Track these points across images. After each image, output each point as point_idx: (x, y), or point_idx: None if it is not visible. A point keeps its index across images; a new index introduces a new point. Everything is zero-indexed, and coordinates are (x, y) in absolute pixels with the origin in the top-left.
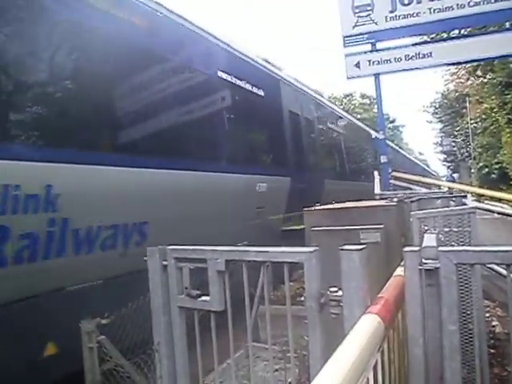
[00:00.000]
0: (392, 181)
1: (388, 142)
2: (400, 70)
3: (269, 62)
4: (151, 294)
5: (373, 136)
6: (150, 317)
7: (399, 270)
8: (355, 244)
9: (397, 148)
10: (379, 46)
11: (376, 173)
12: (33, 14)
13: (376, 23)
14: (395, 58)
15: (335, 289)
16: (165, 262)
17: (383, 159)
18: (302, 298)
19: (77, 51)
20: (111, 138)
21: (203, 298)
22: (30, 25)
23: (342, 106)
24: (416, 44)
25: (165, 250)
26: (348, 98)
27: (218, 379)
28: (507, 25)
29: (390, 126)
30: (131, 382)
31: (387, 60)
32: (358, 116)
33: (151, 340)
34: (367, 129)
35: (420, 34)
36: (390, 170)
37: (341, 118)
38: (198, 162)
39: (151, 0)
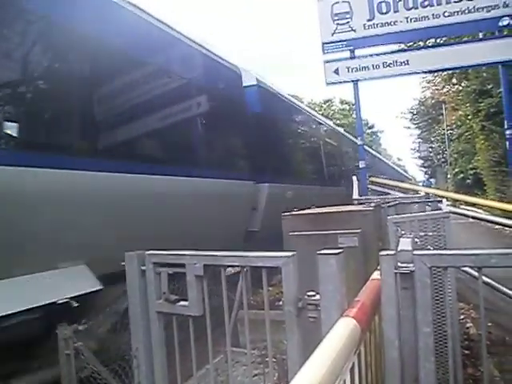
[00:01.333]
0: (370, 186)
1: (366, 147)
2: (378, 77)
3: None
4: (129, 299)
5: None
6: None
7: (376, 274)
8: (333, 248)
9: (375, 153)
10: (358, 53)
11: (354, 178)
12: None
13: (354, 31)
14: (373, 65)
15: (313, 293)
16: (143, 267)
17: (361, 164)
18: (281, 303)
19: None
20: None
21: (181, 302)
22: None
23: (321, 112)
24: (393, 52)
25: (143, 254)
26: (327, 104)
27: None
28: (480, 35)
29: (369, 131)
30: None
31: (365, 67)
32: (338, 121)
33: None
34: (346, 134)
35: (397, 42)
36: (367, 176)
37: (320, 123)
38: None
39: None
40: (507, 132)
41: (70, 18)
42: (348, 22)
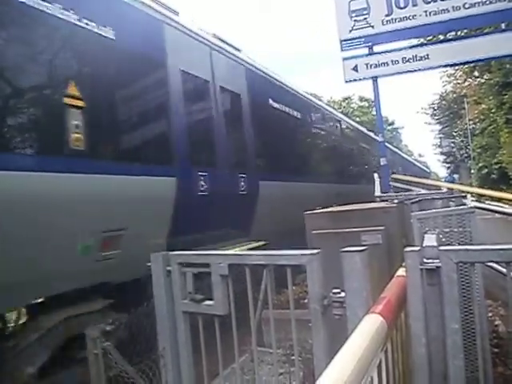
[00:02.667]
0: (392, 183)
1: (387, 144)
2: (397, 73)
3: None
4: (155, 299)
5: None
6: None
7: (401, 271)
8: (356, 246)
9: (396, 150)
10: (376, 49)
11: (376, 175)
12: None
13: (372, 27)
14: (392, 61)
15: (338, 290)
16: (168, 268)
17: (382, 161)
18: (306, 301)
19: None
20: None
21: (207, 302)
22: None
23: (340, 110)
24: (413, 46)
25: (168, 255)
26: (346, 102)
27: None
28: (503, 26)
29: (389, 128)
30: None
31: (384, 63)
32: (357, 119)
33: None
34: (367, 132)
35: (416, 37)
36: (389, 172)
37: (339, 121)
38: None
39: None
40: None
41: None
42: (366, 18)
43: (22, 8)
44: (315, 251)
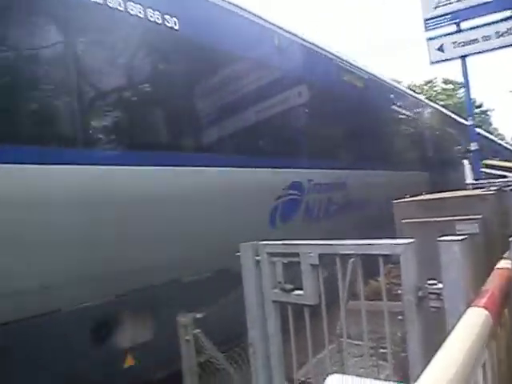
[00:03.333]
0: (484, 169)
1: (477, 128)
2: (489, 50)
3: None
4: (244, 288)
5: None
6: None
7: (503, 263)
8: (454, 235)
9: (486, 134)
10: (464, 25)
11: (466, 161)
12: None
13: (460, 0)
14: (483, 37)
15: (434, 281)
16: (257, 258)
17: (473, 146)
18: (398, 292)
19: None
20: None
21: (297, 292)
22: None
23: (423, 94)
24: (507, 19)
25: (257, 245)
26: (429, 85)
27: (312, 372)
28: None
29: (477, 111)
30: (226, 374)
31: (474, 40)
32: (441, 103)
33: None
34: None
35: (510, 8)
36: (481, 158)
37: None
38: None
39: None
40: None
41: None
42: None
43: None
44: (410, 240)
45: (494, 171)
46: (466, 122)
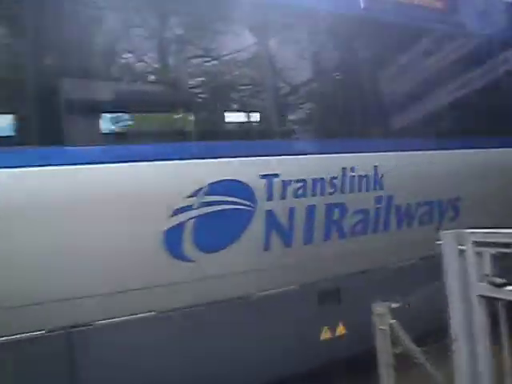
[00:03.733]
0: None
1: None
2: None
3: None
4: (446, 280)
5: None
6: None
7: None
8: None
9: None
10: None
11: None
12: None
13: None
14: None
15: None
16: (461, 247)
17: None
18: None
19: None
20: None
21: (510, 287)
22: None
23: None
24: None
25: (461, 233)
26: None
27: None
28: None
29: None
30: (423, 369)
31: None
32: None
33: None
34: None
35: None
36: None
37: None
38: None
39: None
40: None
41: None
42: None
43: None
44: None
45: None
46: None
